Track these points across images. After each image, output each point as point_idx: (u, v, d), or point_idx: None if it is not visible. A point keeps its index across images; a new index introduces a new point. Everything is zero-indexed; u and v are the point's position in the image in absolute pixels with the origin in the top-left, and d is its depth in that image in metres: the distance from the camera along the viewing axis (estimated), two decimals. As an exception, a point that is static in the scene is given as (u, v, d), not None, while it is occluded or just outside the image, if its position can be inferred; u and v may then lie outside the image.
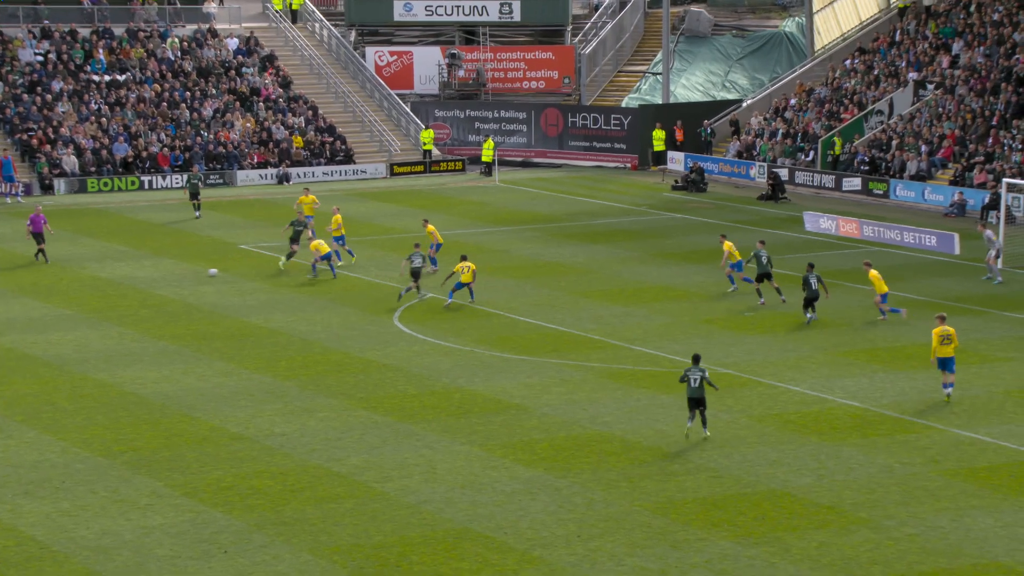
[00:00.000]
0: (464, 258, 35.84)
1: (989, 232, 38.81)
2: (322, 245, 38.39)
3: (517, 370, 30.18)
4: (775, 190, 52.27)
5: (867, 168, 53.30)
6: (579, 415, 26.95)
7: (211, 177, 56.00)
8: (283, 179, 56.94)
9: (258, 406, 27.62)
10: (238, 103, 59.92)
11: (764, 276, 35.37)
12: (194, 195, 48.82)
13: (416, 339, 32.85)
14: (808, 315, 33.49)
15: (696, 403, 25.29)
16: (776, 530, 21.37)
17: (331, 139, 59.58)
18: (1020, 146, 49.69)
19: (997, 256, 37.98)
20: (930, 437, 25.40)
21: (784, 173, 53.86)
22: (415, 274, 36.05)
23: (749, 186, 55.12)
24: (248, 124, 59.06)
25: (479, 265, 38.06)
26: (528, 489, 23.08)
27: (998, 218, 41.50)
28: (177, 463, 24.26)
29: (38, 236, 41.21)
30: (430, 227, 39.82)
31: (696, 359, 25.73)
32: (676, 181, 55.44)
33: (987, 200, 46.72)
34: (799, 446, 24.98)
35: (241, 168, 57.13)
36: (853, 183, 52.71)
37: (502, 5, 66.03)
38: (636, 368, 30.27)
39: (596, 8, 69.60)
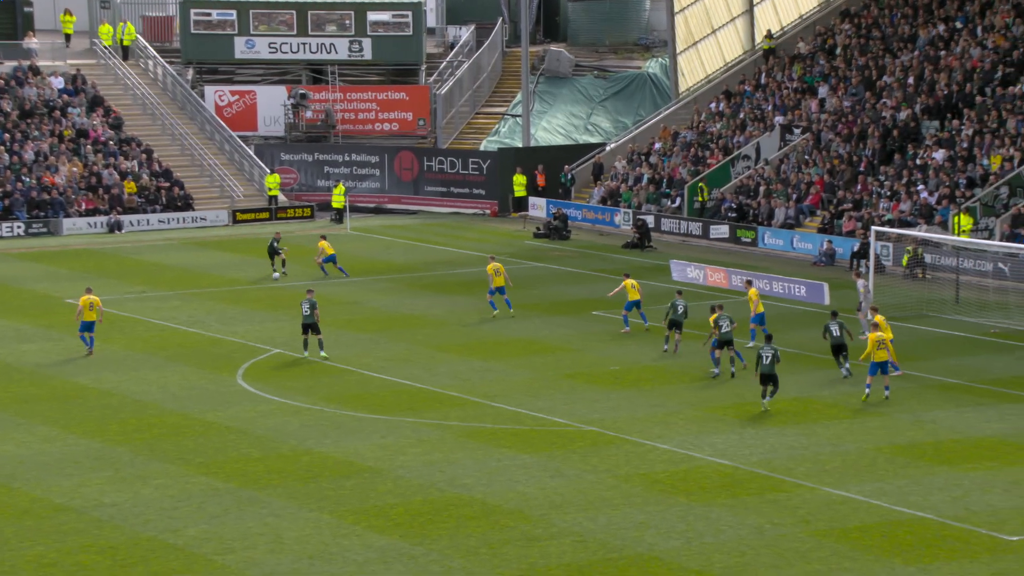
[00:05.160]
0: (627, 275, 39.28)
1: (862, 282, 39.92)
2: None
3: (370, 430, 30.09)
4: (641, 238, 53.20)
5: (735, 215, 54.59)
6: (436, 477, 26.96)
7: (33, 226, 54.86)
8: (114, 227, 56.05)
9: (85, 474, 27.04)
10: (64, 146, 58.93)
11: (675, 325, 36.35)
12: (273, 253, 46.43)
13: (261, 398, 32.54)
14: (844, 368, 33.86)
15: (768, 379, 30.61)
16: (644, 596, 21.63)
17: (167, 184, 58.89)
18: (888, 193, 51.47)
19: (861, 308, 38.88)
20: (801, 496, 26.00)
21: (650, 220, 54.87)
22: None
23: (614, 233, 56.00)
24: (75, 168, 58.08)
25: (328, 317, 37.94)
26: (382, 558, 22.98)
27: (867, 267, 42.79)
28: (-5, 538, 23.61)
29: None
30: (322, 243, 46.20)
31: (768, 338, 31.35)
32: (538, 228, 56.04)
33: (856, 248, 48.20)
34: (667, 507, 25.36)
35: (68, 216, 56.09)
36: (721, 231, 53.93)
37: (351, 42, 66.24)
38: (496, 426, 30.42)
39: (451, 47, 70.23)
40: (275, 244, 46.78)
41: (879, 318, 34.22)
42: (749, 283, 39.21)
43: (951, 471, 27.37)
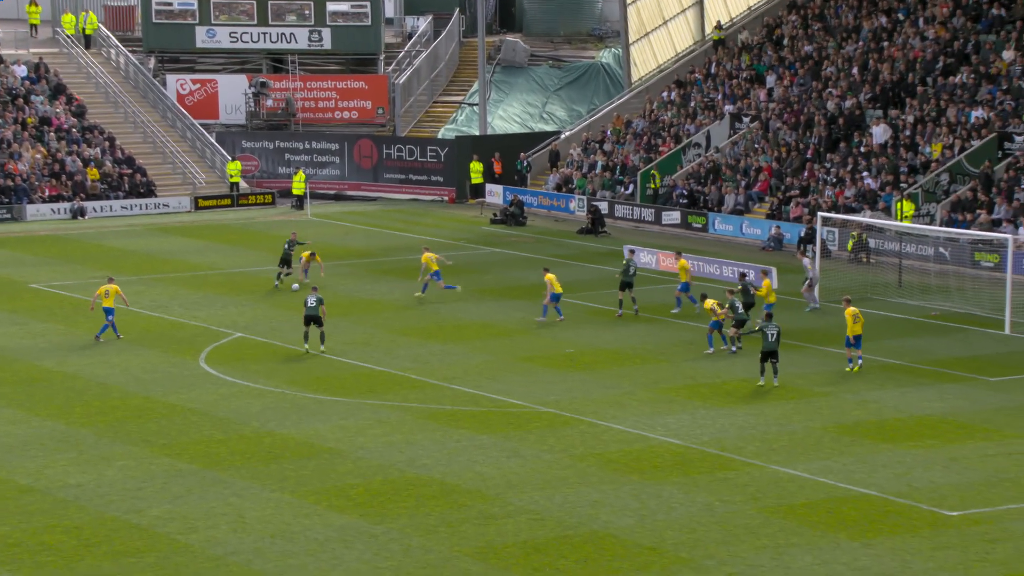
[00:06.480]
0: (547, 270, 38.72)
1: (806, 260, 40.87)
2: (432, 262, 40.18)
3: (331, 412, 30.05)
4: (595, 224, 53.31)
5: (686, 202, 54.79)
6: (396, 458, 26.97)
7: (-2, 211, 54.39)
8: (78, 213, 55.63)
9: (50, 455, 26.88)
10: (27, 133, 58.36)
11: (626, 285, 38.32)
12: (285, 262, 42.55)
13: (223, 381, 32.42)
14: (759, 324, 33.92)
15: (769, 355, 31.11)
16: (598, 573, 21.75)
17: (130, 171, 58.46)
18: (834, 180, 51.82)
19: (811, 285, 39.84)
20: (750, 474, 26.20)
21: (604, 206, 54.99)
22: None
23: (569, 219, 56.09)
24: (38, 155, 57.56)
25: (290, 303, 37.84)
26: (342, 537, 22.99)
27: (814, 252, 43.26)
28: (-39, 520, 23.44)
29: None
30: (306, 253, 42.84)
31: (769, 316, 32.15)
32: (495, 215, 56.04)
33: (803, 233, 48.53)
34: (621, 486, 25.48)
35: (31, 202, 55.61)
36: (672, 217, 54.13)
37: (311, 32, 65.91)
38: (455, 408, 30.46)
39: (409, 36, 70.03)
40: (288, 250, 42.71)
41: (767, 282, 36.59)
42: (679, 254, 40.84)
43: (894, 449, 27.66)
